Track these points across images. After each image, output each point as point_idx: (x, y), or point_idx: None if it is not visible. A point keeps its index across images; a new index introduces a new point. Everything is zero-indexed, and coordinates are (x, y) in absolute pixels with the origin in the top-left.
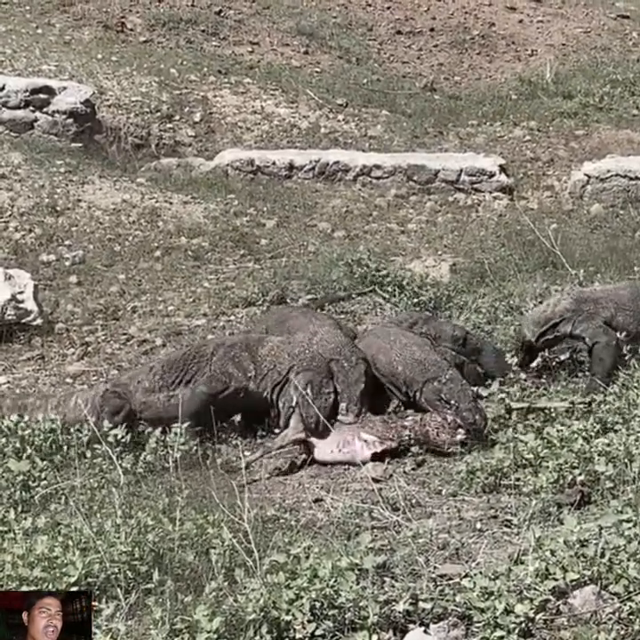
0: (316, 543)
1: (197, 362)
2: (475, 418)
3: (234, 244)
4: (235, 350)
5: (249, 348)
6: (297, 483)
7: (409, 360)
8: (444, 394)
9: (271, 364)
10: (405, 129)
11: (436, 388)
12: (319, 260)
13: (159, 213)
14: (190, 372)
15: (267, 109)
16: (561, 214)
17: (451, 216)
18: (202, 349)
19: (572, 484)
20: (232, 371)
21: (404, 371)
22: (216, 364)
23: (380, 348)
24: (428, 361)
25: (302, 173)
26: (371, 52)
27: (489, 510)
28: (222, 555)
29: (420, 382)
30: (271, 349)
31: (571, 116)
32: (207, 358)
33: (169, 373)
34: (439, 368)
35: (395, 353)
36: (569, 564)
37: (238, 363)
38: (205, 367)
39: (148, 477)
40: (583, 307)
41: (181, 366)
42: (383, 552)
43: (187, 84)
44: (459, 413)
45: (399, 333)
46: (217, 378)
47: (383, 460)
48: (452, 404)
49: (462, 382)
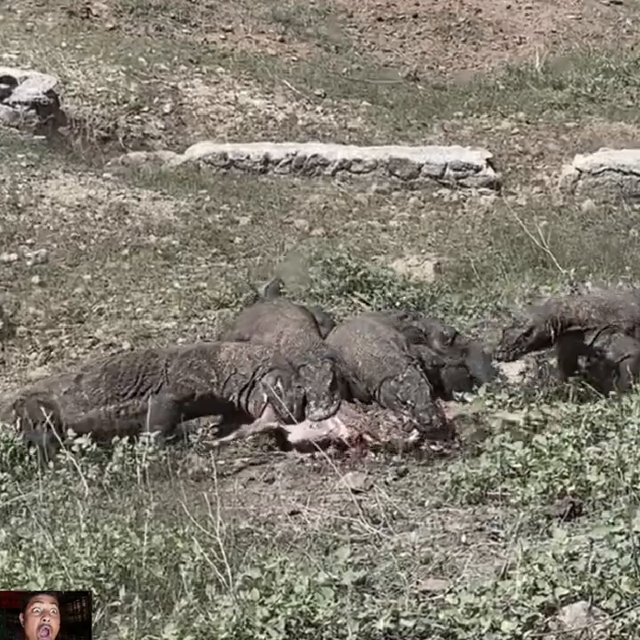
0: (292, 558)
1: (151, 374)
2: (431, 418)
3: (206, 243)
4: (191, 359)
5: (205, 354)
6: (272, 494)
7: (368, 357)
8: (400, 393)
9: (232, 369)
10: (387, 121)
11: (392, 387)
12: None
13: (127, 210)
14: (145, 383)
15: (241, 100)
16: (551, 210)
17: (435, 212)
18: (152, 361)
19: (562, 495)
20: (194, 378)
21: (362, 367)
22: (174, 375)
23: (347, 340)
24: (386, 359)
25: (278, 168)
26: (350, 39)
27: (474, 522)
28: (193, 570)
29: (377, 381)
30: (229, 354)
31: (561, 108)
32: (161, 370)
33: (117, 385)
34: (397, 366)
35: (357, 347)
36: (558, 579)
37: (198, 370)
38: (160, 378)
39: (115, 489)
40: (608, 319)
41: (132, 378)
42: (363, 567)
43: (156, 73)
44: (415, 414)
45: (367, 326)
46: (181, 385)
47: (362, 447)
48: (407, 404)
49: (420, 381)
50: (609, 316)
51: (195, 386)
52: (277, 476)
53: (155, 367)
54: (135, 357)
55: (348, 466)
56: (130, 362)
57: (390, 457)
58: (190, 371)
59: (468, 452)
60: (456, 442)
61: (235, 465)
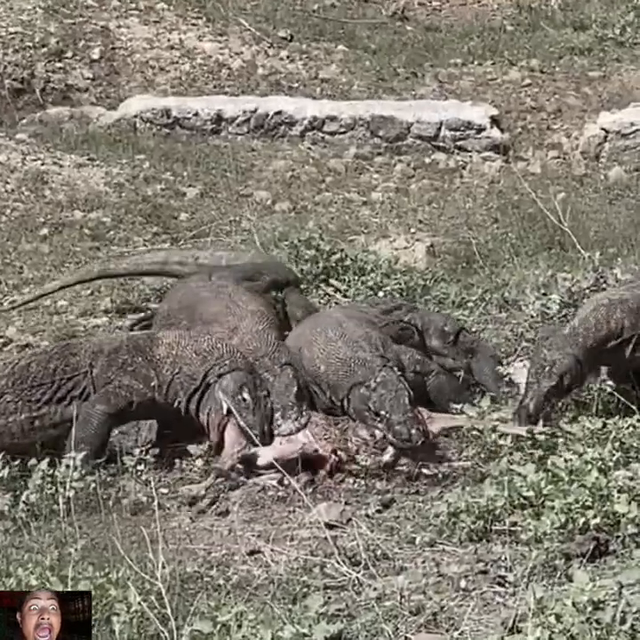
0: (252, 608)
1: (71, 376)
2: (410, 433)
3: (144, 220)
4: (122, 356)
5: (139, 350)
6: (226, 530)
7: (332, 359)
8: (372, 402)
9: (175, 367)
10: (368, 70)
11: (363, 394)
12: (257, 240)
13: (46, 179)
14: (63, 388)
15: (187, 44)
16: (571, 180)
17: (427, 182)
18: (71, 360)
19: (585, 530)
20: (129, 382)
21: (327, 372)
22: (102, 378)
23: (306, 341)
24: (354, 360)
25: (234, 127)
26: None
27: (476, 564)
28: (128, 623)
29: (345, 388)
30: (170, 348)
31: (583, 54)
32: (85, 371)
33: (28, 391)
34: (368, 369)
35: (318, 349)
36: (579, 633)
37: (133, 371)
38: (84, 382)
39: (32, 523)
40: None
41: (45, 382)
42: (339, 619)
43: (82, 10)
44: (390, 427)
45: (332, 323)
46: (115, 393)
47: (321, 467)
48: (381, 416)
49: (397, 387)
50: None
51: (131, 392)
52: (233, 508)
53: (75, 368)
54: (49, 357)
55: (320, 494)
56: (42, 362)
57: (373, 484)
58: (123, 372)
59: (469, 478)
60: (445, 464)
61: (180, 494)
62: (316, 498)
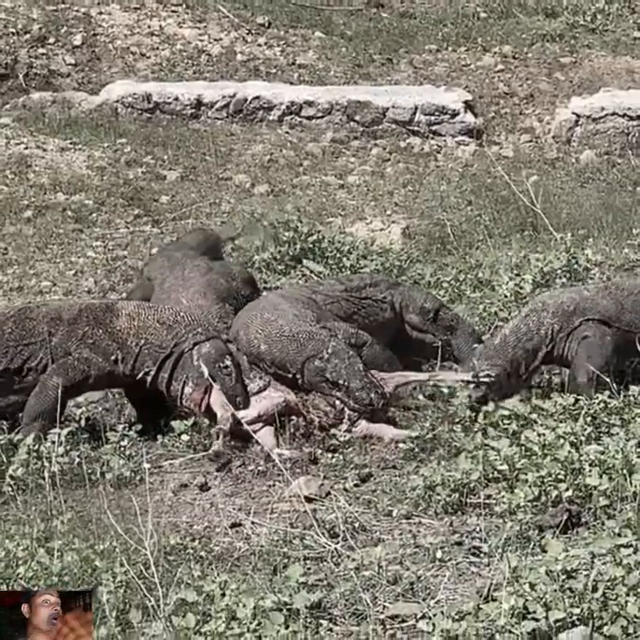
0: (234, 578)
1: (27, 344)
2: (370, 397)
3: (126, 202)
4: (82, 328)
5: (99, 321)
6: (208, 503)
7: (275, 337)
8: (328, 373)
9: (140, 339)
10: (345, 56)
11: (317, 367)
12: (235, 223)
13: (29, 163)
14: (19, 357)
15: (167, 30)
16: (543, 164)
17: (403, 166)
18: (28, 324)
19: (557, 502)
20: (88, 355)
21: (270, 350)
22: (60, 349)
23: (242, 324)
24: (302, 335)
25: (213, 112)
26: None
27: (452, 535)
28: (114, 592)
29: (298, 362)
30: (130, 319)
31: (555, 40)
32: (42, 339)
33: None
34: (318, 342)
35: (254, 330)
36: (553, 601)
37: (94, 344)
38: (41, 351)
39: (18, 497)
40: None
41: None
42: (318, 588)
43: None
44: (350, 395)
45: (267, 305)
46: (72, 366)
47: (298, 416)
48: (340, 385)
49: (349, 355)
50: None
51: (89, 365)
52: (214, 482)
53: (32, 335)
54: (4, 318)
55: (299, 469)
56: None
57: (351, 458)
58: (84, 345)
59: (444, 452)
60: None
61: (163, 468)
62: (295, 472)
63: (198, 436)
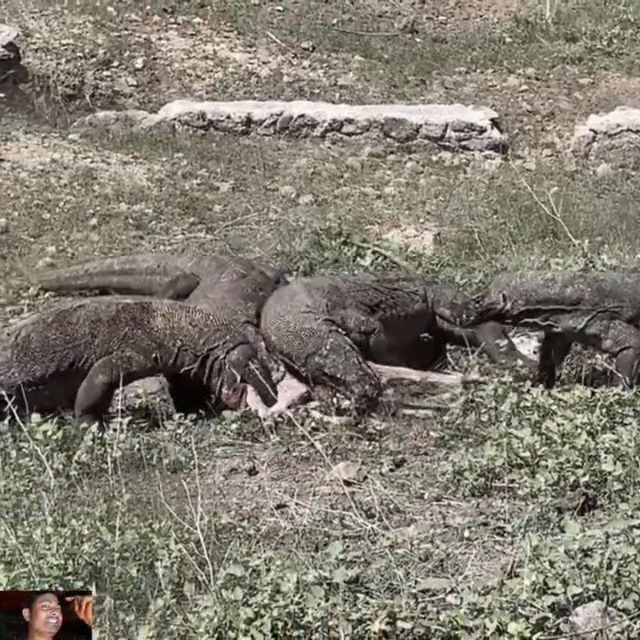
0: (279, 555)
1: (73, 347)
2: (365, 389)
3: (182, 211)
4: (122, 329)
5: (137, 322)
6: (256, 486)
7: (283, 332)
8: (327, 368)
9: (176, 340)
10: (382, 77)
11: (317, 363)
12: (282, 230)
13: (95, 175)
14: (66, 360)
15: (220, 54)
16: (563, 176)
17: (435, 178)
18: (71, 330)
19: (575, 486)
20: (130, 354)
21: (279, 343)
22: (103, 348)
23: (262, 313)
24: (304, 332)
25: (262, 129)
26: None
27: (478, 516)
28: (170, 568)
29: (301, 358)
30: (166, 320)
31: (574, 62)
32: (85, 341)
33: (30, 365)
34: (318, 338)
35: (268, 322)
36: (570, 577)
37: (134, 344)
38: (86, 352)
39: (83, 480)
40: (606, 303)
41: (46, 353)
42: (356, 564)
43: (127, 24)
44: (347, 387)
45: (285, 296)
46: (116, 364)
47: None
48: (338, 379)
49: (346, 349)
50: (608, 299)
51: (131, 363)
52: (261, 467)
53: (75, 338)
54: (46, 325)
55: (339, 455)
56: (41, 332)
57: (386, 445)
58: (126, 345)
59: (472, 440)
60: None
61: (215, 454)
62: (335, 458)
63: (247, 425)
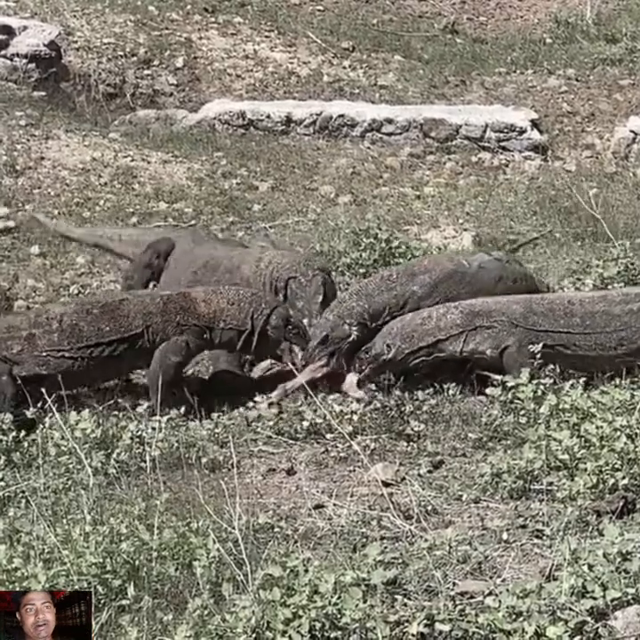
0: (317, 555)
1: (129, 336)
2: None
3: (222, 210)
4: (175, 318)
5: (185, 310)
6: (294, 486)
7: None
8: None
9: (219, 322)
10: (422, 77)
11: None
12: (321, 229)
13: (135, 174)
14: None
15: (260, 54)
16: (603, 177)
17: (474, 179)
18: (125, 322)
19: (614, 489)
20: (188, 338)
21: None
22: (160, 335)
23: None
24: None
25: (301, 128)
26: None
27: (517, 519)
28: (208, 567)
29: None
30: (208, 305)
31: (615, 64)
32: (141, 331)
33: (86, 349)
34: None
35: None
36: (609, 581)
37: (189, 329)
38: (140, 340)
39: (122, 478)
40: (476, 321)
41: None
42: (394, 566)
43: (167, 23)
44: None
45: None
46: (181, 346)
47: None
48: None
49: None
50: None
51: (192, 346)
52: (299, 467)
53: (130, 328)
54: (95, 316)
55: (377, 456)
56: (91, 322)
57: (424, 447)
58: (180, 331)
59: (510, 442)
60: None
61: (253, 454)
62: (373, 459)
63: (284, 423)
